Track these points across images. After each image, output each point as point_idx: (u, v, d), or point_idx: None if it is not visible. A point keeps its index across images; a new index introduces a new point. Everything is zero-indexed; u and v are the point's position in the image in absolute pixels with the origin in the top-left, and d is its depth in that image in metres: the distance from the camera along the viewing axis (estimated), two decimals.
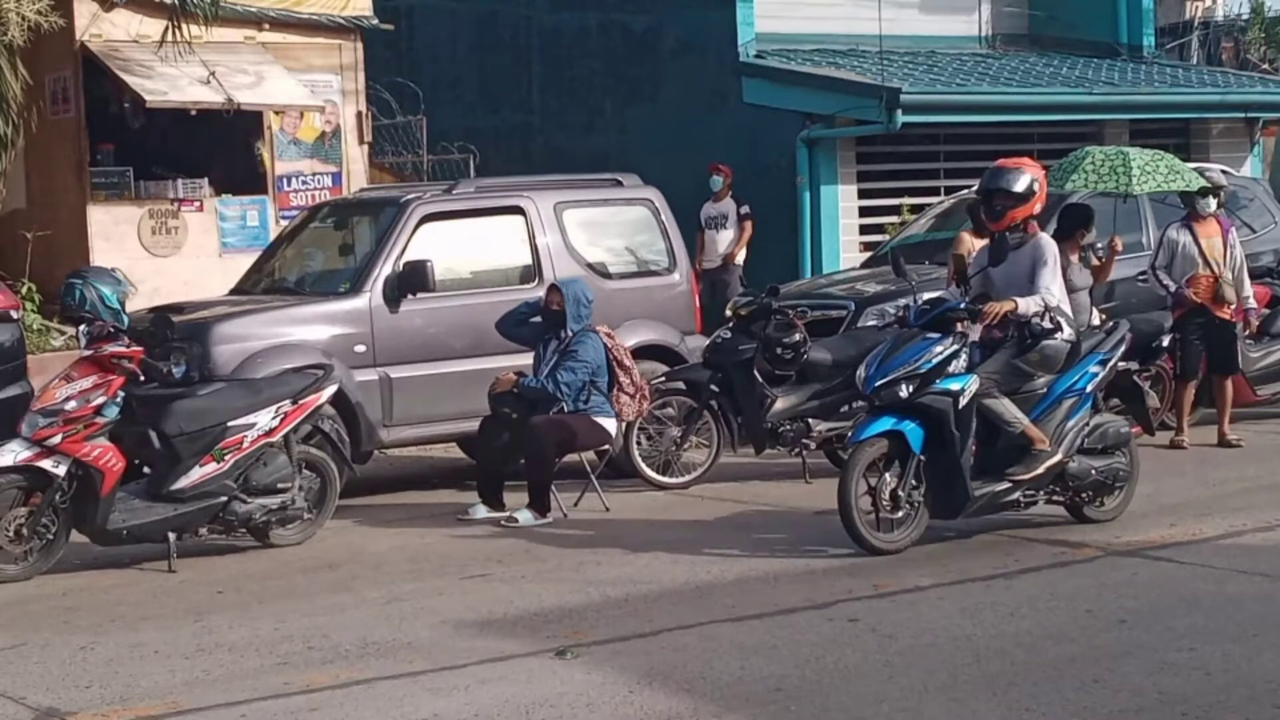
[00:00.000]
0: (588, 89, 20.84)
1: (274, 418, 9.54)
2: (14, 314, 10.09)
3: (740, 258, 17.10)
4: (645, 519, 10.53)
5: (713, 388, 11.52)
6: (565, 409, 10.42)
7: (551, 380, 10.36)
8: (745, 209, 17.12)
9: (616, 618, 7.83)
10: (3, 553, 8.95)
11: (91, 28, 16.92)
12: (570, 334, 10.46)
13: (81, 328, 9.16)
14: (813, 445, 11.58)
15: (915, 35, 20.55)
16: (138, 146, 17.55)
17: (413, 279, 11.36)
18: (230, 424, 9.41)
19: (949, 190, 17.70)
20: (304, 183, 18.44)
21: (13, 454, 8.90)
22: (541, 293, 10.94)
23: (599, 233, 12.60)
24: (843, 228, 18.68)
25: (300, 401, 9.68)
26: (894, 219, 18.33)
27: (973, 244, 11.31)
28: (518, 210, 12.11)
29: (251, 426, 9.45)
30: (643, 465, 11.40)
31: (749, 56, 19.02)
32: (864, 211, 18.97)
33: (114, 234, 16.85)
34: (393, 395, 11.28)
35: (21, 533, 8.96)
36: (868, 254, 17.06)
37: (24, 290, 15.06)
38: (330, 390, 9.95)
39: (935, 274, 12.65)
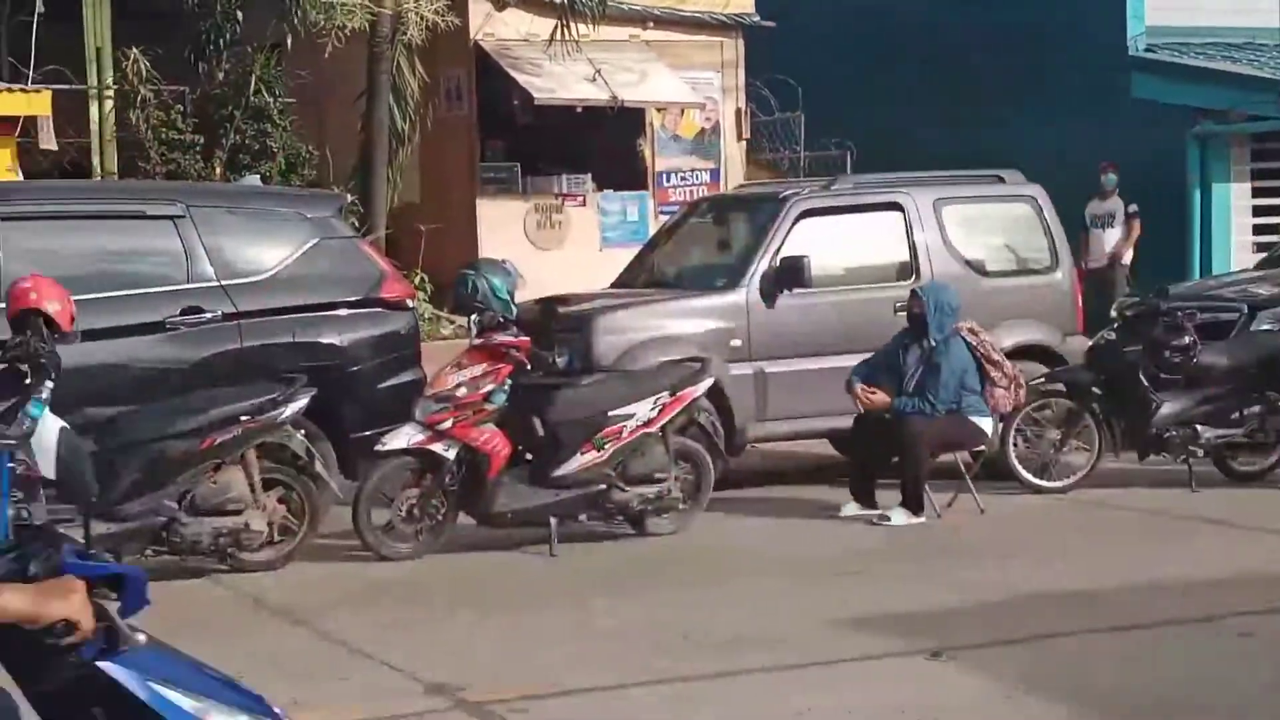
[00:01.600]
0: (968, 84, 20.52)
1: (653, 409, 9.69)
2: (409, 303, 10.49)
3: (1126, 258, 16.62)
4: (1021, 522, 10.32)
5: (1095, 390, 11.21)
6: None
7: (924, 400, 10.19)
8: (1133, 207, 16.63)
9: (990, 621, 7.70)
10: (395, 531, 9.34)
11: (485, 27, 17.53)
12: (933, 343, 10.27)
13: (473, 317, 9.49)
14: (1200, 453, 11.16)
15: None
16: (525, 142, 18.10)
17: (790, 274, 11.39)
18: (611, 414, 9.61)
19: None
20: (683, 179, 18.71)
21: (407, 437, 9.28)
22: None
23: (978, 230, 12.39)
24: (1235, 227, 17.98)
25: (678, 394, 9.82)
26: None
27: None
28: (896, 207, 12.01)
29: (631, 417, 9.63)
30: (1019, 467, 11.16)
31: (1138, 50, 18.47)
32: (1258, 211, 18.21)
33: (501, 227, 17.43)
34: (767, 389, 11.34)
35: (413, 513, 9.33)
36: (1261, 255, 16.36)
37: (416, 280, 15.68)
38: (707, 383, 10.05)
39: None
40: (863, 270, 12.04)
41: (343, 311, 10.00)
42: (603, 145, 18.31)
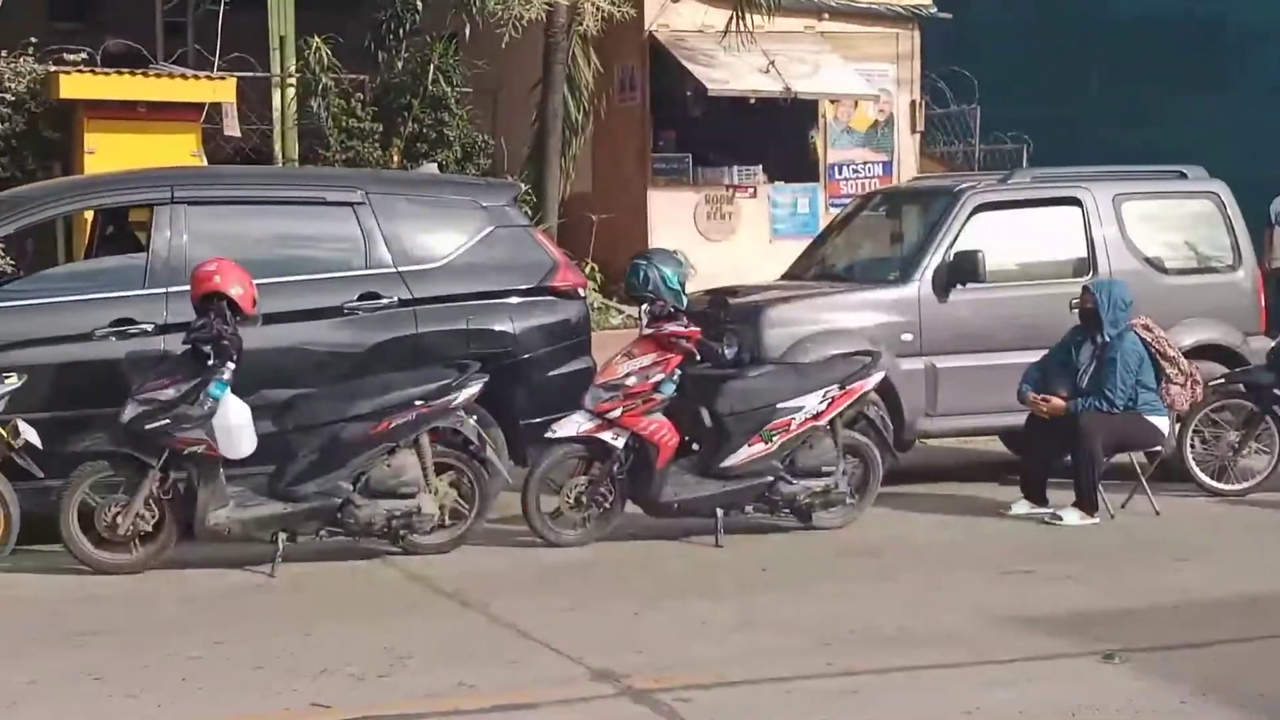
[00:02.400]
0: (1148, 79, 20.15)
1: (821, 402, 9.65)
2: (581, 291, 10.54)
3: None
4: (1196, 525, 10.10)
5: (1276, 391, 10.93)
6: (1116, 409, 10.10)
7: (1102, 399, 10.01)
8: None
9: (1165, 625, 7.57)
10: (563, 518, 9.42)
11: (659, 18, 17.59)
12: (1106, 339, 10.09)
13: (644, 307, 9.51)
14: None
15: None
16: (697, 133, 18.13)
17: (963, 269, 11.28)
18: (779, 406, 9.58)
19: None
20: (855, 171, 18.63)
21: (576, 425, 9.34)
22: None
23: (1159, 226, 12.15)
24: None
25: (847, 387, 9.77)
26: None
27: None
28: (1074, 202, 11.82)
29: (799, 409, 9.59)
30: (1196, 469, 10.92)
31: None
32: None
33: (671, 218, 17.49)
34: (937, 385, 11.24)
35: (581, 500, 9.39)
36: None
37: (587, 270, 15.79)
38: (877, 377, 9.99)
39: None
40: (1039, 266, 11.87)
41: (515, 299, 10.07)
42: (774, 137, 18.28)
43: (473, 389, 9.10)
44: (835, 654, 7.01)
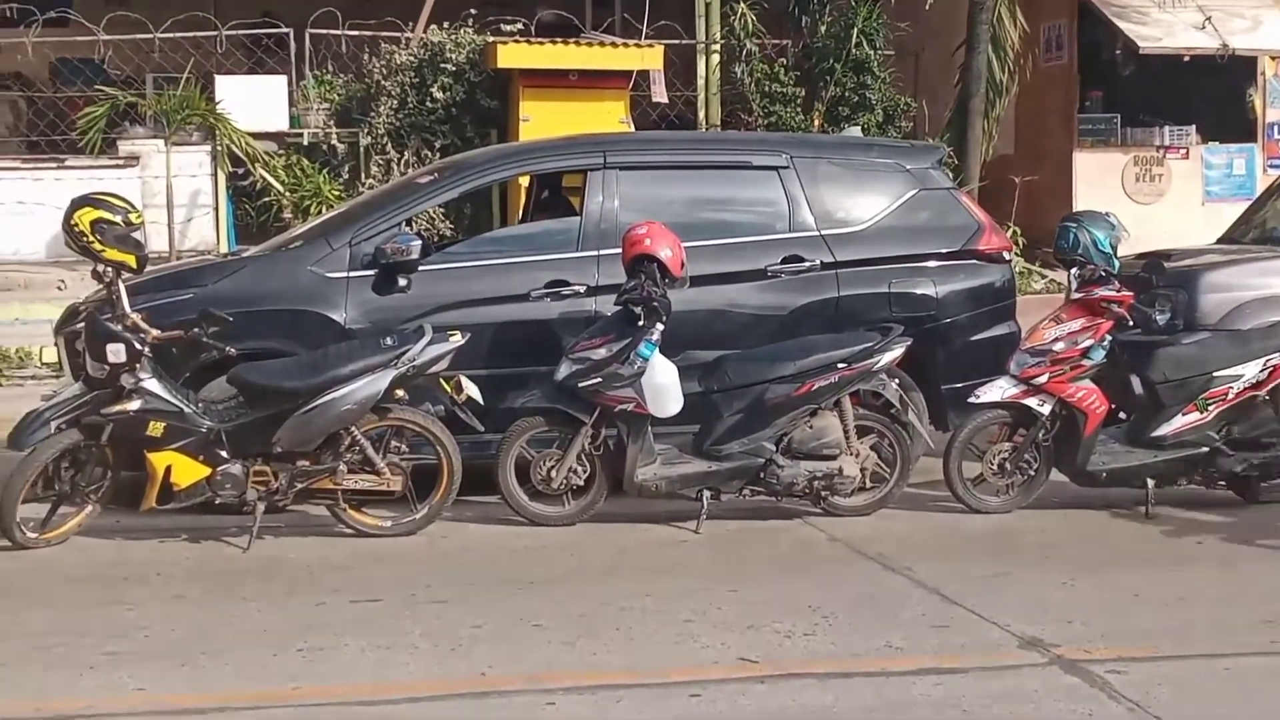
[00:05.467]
0: None
1: (1262, 370, 9.25)
2: (1006, 255, 10.36)
3: None
4: None
5: None
6: None
7: None
8: None
9: None
10: (985, 485, 9.30)
11: None
12: None
13: (1073, 271, 9.29)
14: None
15: None
16: (1126, 93, 17.59)
17: None
18: (1216, 374, 9.24)
19: None
20: None
21: (1001, 390, 9.20)
22: None
23: None
24: None
25: None
26: None
27: None
28: None
29: (1238, 378, 9.22)
30: None
31: None
32: None
33: (1097, 180, 17.03)
34: None
35: (1004, 466, 9.25)
36: None
37: (1009, 233, 15.49)
38: None
39: None
40: None
41: (939, 263, 9.96)
42: (1208, 95, 17.57)
43: (895, 352, 9.06)
44: (1278, 632, 6.73)
